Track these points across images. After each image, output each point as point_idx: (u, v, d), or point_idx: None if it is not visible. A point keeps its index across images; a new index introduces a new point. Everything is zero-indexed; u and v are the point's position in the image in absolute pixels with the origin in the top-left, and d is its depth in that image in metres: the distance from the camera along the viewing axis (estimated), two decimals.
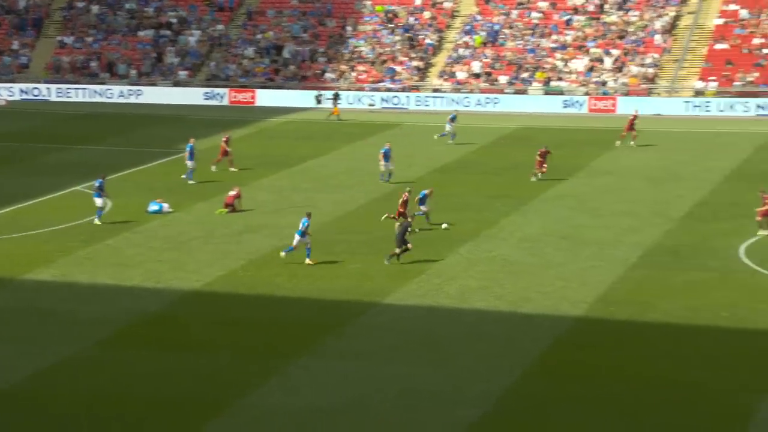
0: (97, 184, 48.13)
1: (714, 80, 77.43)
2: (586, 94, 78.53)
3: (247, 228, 47.36)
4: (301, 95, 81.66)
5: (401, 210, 45.12)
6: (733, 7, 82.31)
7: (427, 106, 79.42)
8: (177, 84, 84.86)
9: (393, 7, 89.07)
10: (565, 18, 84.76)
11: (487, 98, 78.82)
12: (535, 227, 45.96)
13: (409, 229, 42.03)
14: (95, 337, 34.67)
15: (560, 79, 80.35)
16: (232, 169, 58.12)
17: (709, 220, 47.92)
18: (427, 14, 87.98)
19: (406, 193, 45.90)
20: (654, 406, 29.32)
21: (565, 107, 77.31)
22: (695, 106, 75.63)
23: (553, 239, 44.67)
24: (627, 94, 78.29)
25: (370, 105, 78.83)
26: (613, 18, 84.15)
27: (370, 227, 47.06)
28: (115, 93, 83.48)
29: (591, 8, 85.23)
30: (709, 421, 28.45)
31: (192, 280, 40.27)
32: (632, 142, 63.49)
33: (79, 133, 71.17)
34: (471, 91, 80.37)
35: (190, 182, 55.56)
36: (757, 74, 77.02)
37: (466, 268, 41.33)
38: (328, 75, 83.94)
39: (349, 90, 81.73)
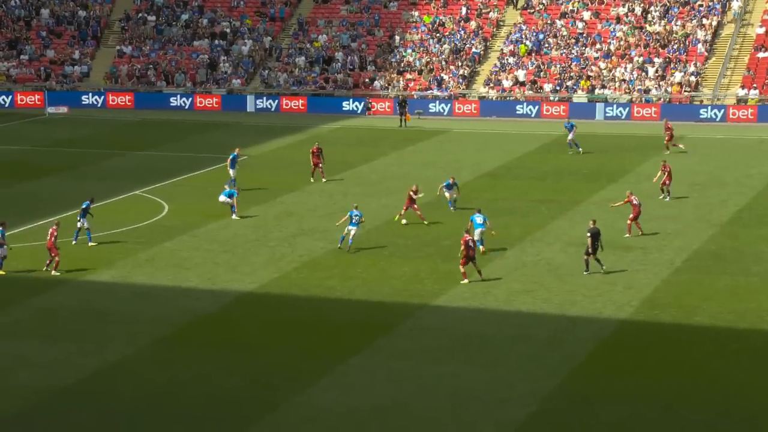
0: (83, 206, 45.10)
1: (755, 88, 76.64)
2: (630, 101, 77.96)
3: (299, 231, 47.46)
4: (350, 103, 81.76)
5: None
6: None
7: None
8: (231, 92, 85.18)
9: (440, 18, 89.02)
10: (608, 27, 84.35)
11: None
12: (581, 231, 45.70)
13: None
14: (154, 336, 34.93)
15: (604, 87, 79.88)
16: (324, 179, 56.87)
17: (752, 225, 47.44)
18: (473, 24, 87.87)
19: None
20: (697, 404, 29.07)
21: (608, 114, 76.64)
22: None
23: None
24: (670, 101, 77.66)
25: (418, 112, 78.67)
26: (656, 27, 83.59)
27: (416, 231, 47.04)
28: (173, 100, 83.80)
29: (634, 18, 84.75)
30: (754, 418, 28.15)
31: (246, 281, 40.44)
32: (668, 151, 62.35)
33: (138, 139, 71.62)
34: (516, 99, 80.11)
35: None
36: None
37: (512, 271, 41.21)
38: (377, 83, 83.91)
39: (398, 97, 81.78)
